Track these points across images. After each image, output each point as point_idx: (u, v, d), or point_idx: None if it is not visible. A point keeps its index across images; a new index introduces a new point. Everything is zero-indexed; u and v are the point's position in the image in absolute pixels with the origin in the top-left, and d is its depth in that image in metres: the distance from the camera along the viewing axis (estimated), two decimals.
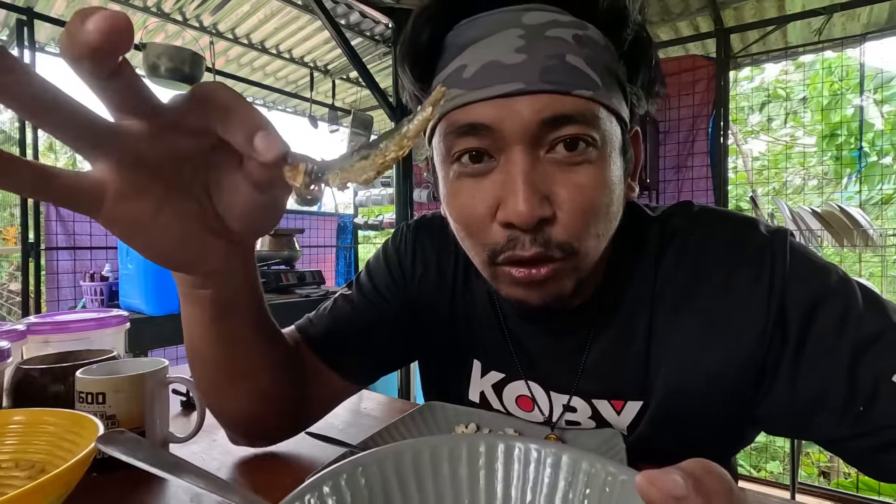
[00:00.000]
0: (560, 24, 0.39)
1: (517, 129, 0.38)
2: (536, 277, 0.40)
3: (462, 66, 0.40)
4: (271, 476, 0.47)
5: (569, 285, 0.42)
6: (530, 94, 0.37)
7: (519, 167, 0.38)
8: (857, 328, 0.40)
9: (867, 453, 0.40)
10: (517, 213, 0.37)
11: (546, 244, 0.39)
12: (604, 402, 0.50)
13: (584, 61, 0.38)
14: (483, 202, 0.40)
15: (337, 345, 0.55)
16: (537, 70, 0.37)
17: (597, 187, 0.39)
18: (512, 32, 0.38)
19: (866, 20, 2.33)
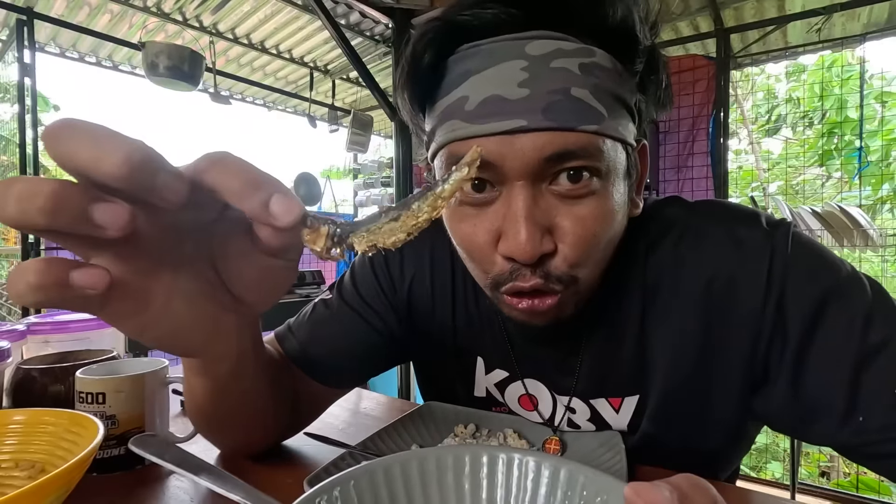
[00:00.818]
0: (565, 52, 0.37)
1: (519, 165, 0.37)
2: (539, 308, 0.41)
3: (464, 98, 0.39)
4: (271, 476, 0.47)
5: (568, 310, 0.43)
6: (533, 132, 0.37)
7: (521, 203, 0.37)
8: (863, 336, 0.39)
9: (868, 458, 0.40)
10: (520, 251, 0.37)
11: (546, 276, 0.39)
12: (602, 401, 0.50)
13: (590, 92, 0.37)
14: (485, 232, 0.40)
15: (316, 356, 0.55)
16: (541, 106, 0.36)
17: (599, 218, 0.39)
18: (515, 64, 0.37)
19: (866, 20, 2.33)
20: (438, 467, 0.29)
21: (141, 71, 2.27)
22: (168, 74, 2.18)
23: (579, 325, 0.50)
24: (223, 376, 0.37)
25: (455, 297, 0.57)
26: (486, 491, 0.29)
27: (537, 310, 0.41)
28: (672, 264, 0.47)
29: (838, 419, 0.40)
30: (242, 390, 0.41)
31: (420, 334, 0.59)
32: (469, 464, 0.29)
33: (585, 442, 0.49)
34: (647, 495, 0.20)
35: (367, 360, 0.58)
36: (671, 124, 2.57)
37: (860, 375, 0.39)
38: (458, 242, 0.44)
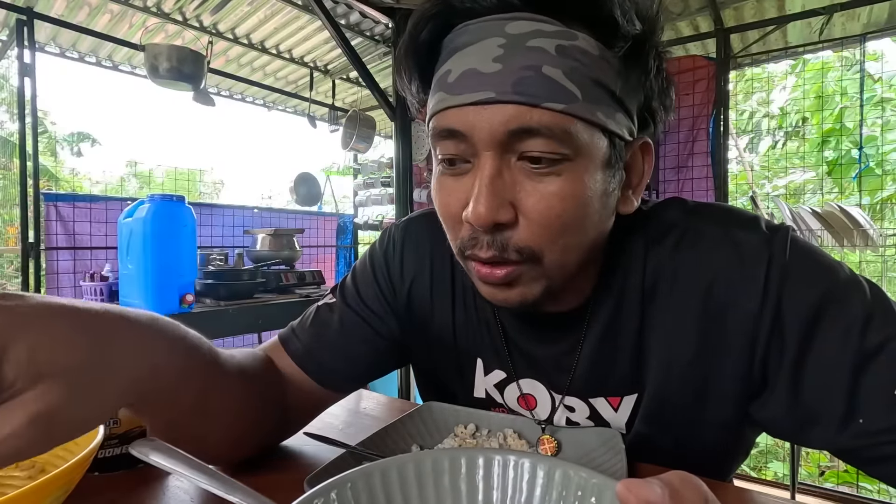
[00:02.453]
0: (544, 33, 0.38)
1: (485, 136, 0.39)
2: (493, 278, 0.42)
3: (448, 71, 0.41)
4: (271, 476, 0.47)
5: (535, 290, 0.43)
6: (500, 104, 0.38)
7: (486, 172, 0.39)
8: (862, 338, 0.39)
9: (866, 461, 0.40)
10: (475, 215, 0.39)
11: (503, 248, 0.40)
12: (600, 400, 0.51)
13: (563, 73, 0.37)
14: (456, 201, 0.42)
15: (320, 359, 0.55)
16: (510, 80, 0.37)
17: (563, 199, 0.39)
18: (493, 41, 0.38)
19: (866, 20, 2.33)
20: (435, 470, 0.29)
21: (141, 71, 2.27)
22: (170, 76, 2.18)
23: (578, 324, 0.50)
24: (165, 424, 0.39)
25: (454, 299, 0.57)
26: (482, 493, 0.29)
27: (493, 279, 0.42)
28: (671, 266, 0.47)
29: (838, 423, 0.40)
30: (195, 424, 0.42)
31: (420, 337, 0.59)
32: (465, 466, 0.30)
33: (585, 440, 0.49)
34: (638, 491, 0.21)
35: (370, 364, 0.59)
36: (671, 124, 2.55)
37: (859, 379, 0.39)
38: (438, 212, 0.45)
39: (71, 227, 2.28)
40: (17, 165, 2.12)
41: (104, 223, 2.37)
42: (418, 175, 3.15)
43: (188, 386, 0.38)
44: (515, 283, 0.42)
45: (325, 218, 3.63)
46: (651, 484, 0.21)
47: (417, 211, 0.63)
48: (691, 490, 0.22)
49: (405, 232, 0.60)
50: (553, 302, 0.49)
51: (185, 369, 0.38)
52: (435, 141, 0.43)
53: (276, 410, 0.51)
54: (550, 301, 0.48)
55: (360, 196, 3.60)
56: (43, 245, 2.06)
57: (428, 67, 0.44)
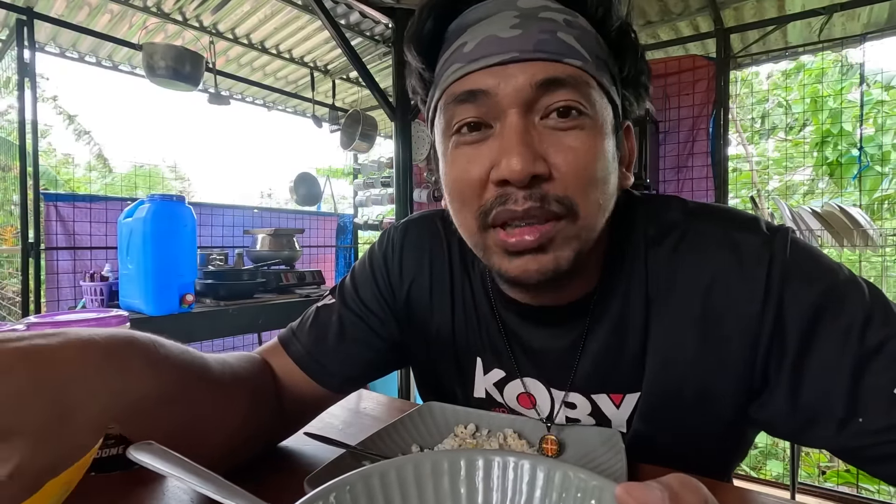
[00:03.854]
0: (552, 9, 0.42)
1: (512, 92, 0.40)
2: (527, 243, 0.40)
3: (463, 44, 0.43)
4: (271, 476, 0.47)
5: (568, 255, 0.42)
6: (524, 62, 0.40)
7: (514, 128, 0.40)
8: (861, 339, 0.39)
9: (867, 461, 0.40)
10: (510, 169, 0.39)
11: (543, 199, 0.40)
12: (602, 397, 0.51)
13: (575, 39, 0.41)
14: (479, 166, 0.42)
15: (321, 361, 0.55)
16: (532, 42, 0.40)
17: (589, 152, 0.41)
18: (508, 14, 0.42)
19: (866, 20, 2.33)
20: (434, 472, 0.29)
21: (141, 71, 2.27)
22: (168, 75, 2.18)
23: (580, 319, 0.50)
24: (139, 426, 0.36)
25: (454, 300, 0.57)
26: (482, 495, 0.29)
27: (522, 245, 0.40)
28: (672, 266, 0.47)
29: (838, 423, 0.40)
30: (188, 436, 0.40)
31: (420, 338, 0.59)
32: (465, 468, 0.29)
33: (586, 439, 0.49)
34: (637, 495, 0.21)
35: (370, 364, 0.59)
36: (671, 124, 2.57)
37: (859, 378, 0.39)
38: (451, 188, 0.45)
39: (71, 227, 2.28)
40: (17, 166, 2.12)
41: (104, 223, 2.37)
42: (418, 175, 3.16)
43: (171, 409, 0.37)
44: (548, 246, 0.41)
45: (325, 218, 3.63)
46: (650, 487, 0.21)
47: (416, 213, 0.64)
48: (691, 492, 0.22)
49: (404, 233, 0.61)
50: (558, 293, 0.49)
51: (163, 394, 0.36)
52: (452, 109, 0.43)
53: (270, 413, 0.51)
54: (559, 288, 0.48)
55: (360, 196, 3.60)
56: (43, 245, 2.06)
57: (432, 56, 0.46)
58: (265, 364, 0.54)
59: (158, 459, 0.32)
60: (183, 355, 0.39)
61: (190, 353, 0.41)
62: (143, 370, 0.34)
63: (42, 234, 2.06)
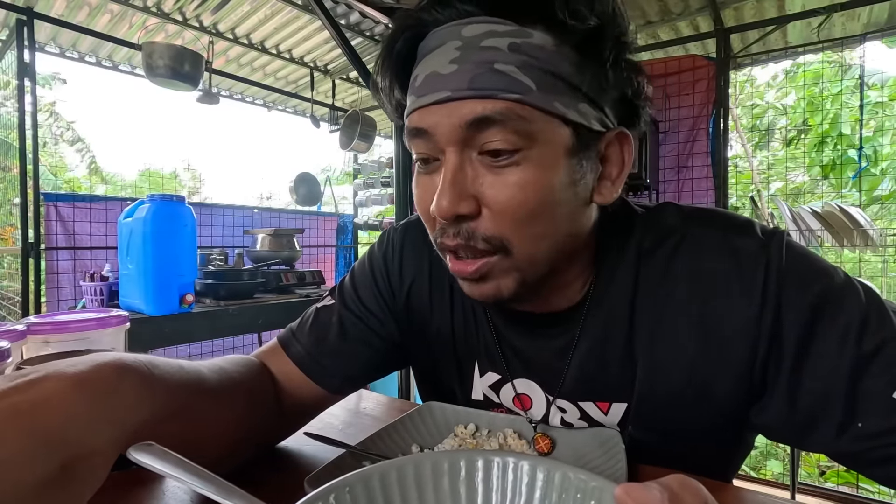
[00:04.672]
0: (496, 34, 0.39)
1: (446, 132, 0.41)
2: (465, 273, 0.43)
3: (416, 76, 0.43)
4: (271, 476, 0.47)
5: (509, 285, 0.43)
6: (457, 101, 0.40)
7: (448, 166, 0.41)
8: (858, 342, 0.39)
9: (866, 464, 0.40)
10: (438, 207, 0.41)
11: (469, 236, 0.42)
12: (589, 404, 0.51)
13: (516, 67, 0.39)
14: (428, 197, 0.43)
15: (321, 362, 0.55)
16: (466, 78, 0.39)
17: (524, 188, 0.40)
18: (451, 45, 0.41)
19: (866, 20, 2.33)
20: (434, 473, 0.29)
21: (141, 71, 2.27)
22: (167, 75, 2.18)
23: (571, 326, 0.50)
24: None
25: (453, 301, 0.57)
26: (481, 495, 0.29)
27: (464, 273, 0.43)
28: (666, 273, 0.47)
29: (837, 427, 0.40)
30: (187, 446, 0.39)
31: (419, 339, 0.59)
32: (464, 468, 0.30)
33: (583, 441, 0.49)
34: (637, 496, 0.21)
35: (370, 365, 0.59)
36: (671, 124, 2.57)
37: (857, 382, 0.39)
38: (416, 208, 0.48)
39: (71, 227, 2.28)
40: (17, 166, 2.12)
41: (104, 223, 2.37)
42: None
43: (170, 427, 0.37)
44: (488, 277, 0.43)
45: (325, 218, 3.63)
46: (649, 487, 0.21)
47: (416, 214, 0.63)
48: (691, 494, 0.22)
49: (404, 234, 0.61)
50: (541, 301, 0.49)
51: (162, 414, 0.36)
52: (408, 141, 0.45)
53: (268, 414, 0.51)
54: (537, 299, 0.49)
55: (359, 196, 3.60)
56: (43, 245, 2.06)
57: (405, 76, 0.45)
58: (262, 367, 0.54)
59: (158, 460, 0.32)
60: (178, 373, 0.39)
61: (184, 368, 0.40)
62: (140, 395, 0.34)
63: (42, 233, 2.06)
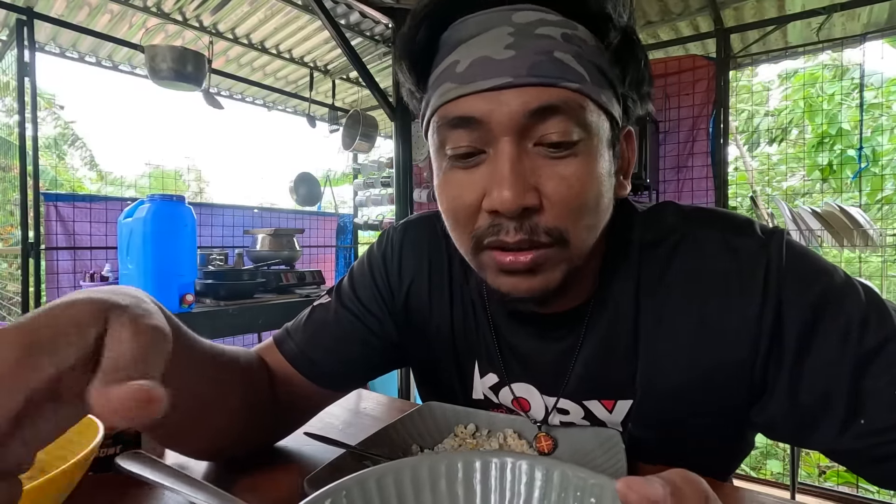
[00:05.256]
0: (548, 22, 0.40)
1: (505, 120, 0.39)
2: (518, 265, 0.41)
3: (455, 62, 0.41)
4: (271, 476, 0.47)
5: (557, 276, 0.42)
6: (518, 88, 0.38)
7: (506, 156, 0.39)
8: (860, 340, 0.39)
9: (867, 462, 0.40)
10: (501, 201, 0.38)
11: (532, 230, 0.40)
12: (594, 402, 0.50)
13: (572, 56, 0.39)
14: (472, 192, 0.41)
15: (314, 359, 0.55)
16: (526, 65, 0.38)
17: (582, 179, 0.40)
18: (502, 30, 0.39)
19: (866, 20, 2.33)
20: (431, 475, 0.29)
21: (141, 71, 2.27)
22: (171, 77, 2.18)
23: (574, 326, 0.50)
24: None
25: (453, 301, 0.57)
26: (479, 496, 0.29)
27: (520, 266, 0.41)
28: (667, 272, 0.47)
29: (839, 425, 0.40)
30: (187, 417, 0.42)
31: (419, 339, 0.59)
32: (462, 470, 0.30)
33: (583, 440, 0.49)
34: (639, 489, 0.21)
35: (365, 364, 0.59)
36: (671, 124, 2.57)
37: (859, 380, 0.39)
38: (445, 208, 0.45)
39: (71, 227, 2.28)
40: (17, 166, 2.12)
41: (104, 223, 2.37)
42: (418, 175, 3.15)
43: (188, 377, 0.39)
44: (539, 269, 0.41)
45: (325, 218, 3.63)
46: (651, 481, 0.21)
47: (415, 214, 0.64)
48: (692, 488, 0.22)
49: (403, 234, 0.60)
50: (552, 304, 0.49)
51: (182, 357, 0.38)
52: (444, 132, 0.42)
53: (266, 407, 0.51)
54: (552, 302, 0.48)
55: (359, 196, 3.60)
56: (43, 245, 2.06)
57: (425, 65, 0.44)
58: (262, 360, 0.55)
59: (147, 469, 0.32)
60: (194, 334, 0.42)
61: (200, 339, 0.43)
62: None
63: (42, 233, 2.07)
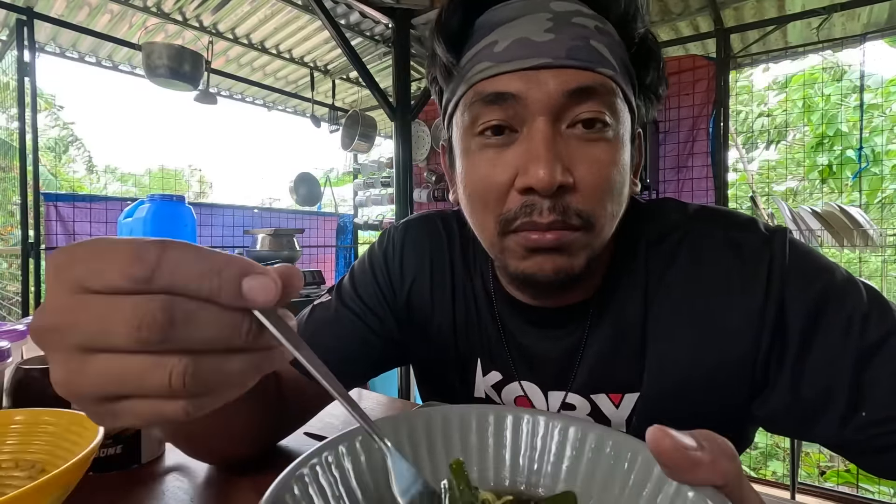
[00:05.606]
0: (584, 14, 0.42)
1: (542, 98, 0.40)
2: (549, 242, 0.41)
3: (493, 42, 0.42)
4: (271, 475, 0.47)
5: (581, 261, 0.43)
6: (557, 69, 0.40)
7: (541, 135, 0.39)
8: (862, 334, 0.40)
9: (868, 452, 0.40)
10: (538, 178, 0.38)
11: (565, 211, 0.40)
12: (602, 396, 0.51)
13: (605, 47, 0.41)
14: (504, 171, 0.41)
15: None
16: (564, 48, 0.40)
17: (612, 164, 0.41)
18: (541, 16, 0.41)
19: (866, 20, 2.33)
20: (464, 422, 0.30)
21: (141, 71, 2.27)
22: (168, 75, 2.18)
23: (580, 320, 0.50)
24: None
25: (455, 300, 0.57)
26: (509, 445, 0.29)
27: (547, 244, 0.41)
28: (672, 268, 0.47)
29: (840, 417, 0.40)
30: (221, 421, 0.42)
31: (420, 337, 0.59)
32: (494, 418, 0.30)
33: None
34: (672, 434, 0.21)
35: (366, 362, 0.59)
36: (671, 124, 2.57)
37: (860, 373, 0.39)
38: (472, 190, 0.44)
39: (71, 227, 2.28)
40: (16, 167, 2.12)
41: (104, 223, 2.37)
42: (418, 175, 3.16)
43: None
44: (565, 250, 0.42)
45: (325, 218, 3.63)
46: (682, 433, 0.21)
47: (415, 214, 0.64)
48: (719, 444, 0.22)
49: (405, 233, 0.60)
50: (564, 294, 0.49)
51: None
52: (477, 108, 0.42)
53: (274, 408, 0.51)
54: (564, 291, 0.49)
55: (360, 196, 3.60)
56: (43, 245, 2.06)
57: (457, 49, 0.45)
58: None
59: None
60: None
61: None
62: None
63: (42, 233, 2.06)
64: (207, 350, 0.21)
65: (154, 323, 0.19)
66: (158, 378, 0.20)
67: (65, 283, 0.20)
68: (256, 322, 0.22)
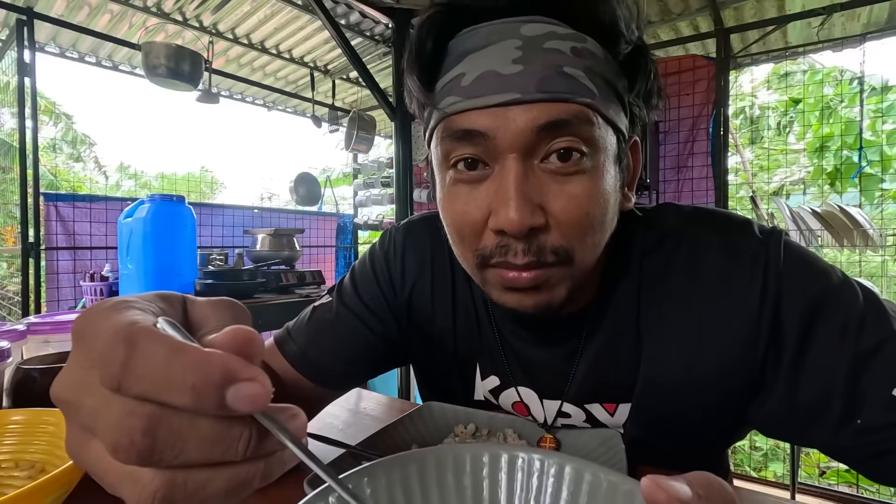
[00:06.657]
0: (558, 35, 0.39)
1: (511, 137, 0.38)
2: (522, 282, 0.40)
3: (461, 74, 0.40)
4: None
5: (561, 293, 0.42)
6: (526, 104, 0.38)
7: (512, 175, 0.38)
8: (857, 340, 0.39)
9: (864, 459, 0.40)
10: (508, 221, 0.37)
11: (540, 251, 0.39)
12: (596, 406, 0.51)
13: (581, 71, 0.38)
14: (477, 209, 0.40)
15: (316, 360, 0.55)
16: (534, 81, 0.37)
17: (590, 197, 0.39)
18: (510, 43, 0.39)
19: (866, 20, 2.33)
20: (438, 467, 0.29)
21: (141, 71, 2.27)
22: (167, 75, 2.18)
23: (577, 330, 0.50)
24: None
25: (455, 302, 0.57)
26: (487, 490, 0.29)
27: (524, 283, 0.40)
28: (667, 273, 0.47)
29: (836, 423, 0.40)
30: None
31: (421, 339, 0.59)
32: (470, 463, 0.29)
33: (584, 441, 0.49)
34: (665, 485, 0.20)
35: (366, 363, 0.59)
36: (671, 124, 2.57)
37: (856, 379, 0.39)
38: (449, 223, 0.44)
39: (71, 227, 2.28)
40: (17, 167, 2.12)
41: (104, 223, 2.37)
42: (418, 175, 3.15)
43: None
44: (543, 286, 0.41)
45: (325, 218, 3.63)
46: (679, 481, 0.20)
47: (417, 214, 0.63)
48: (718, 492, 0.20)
49: (406, 234, 0.60)
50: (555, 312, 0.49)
51: None
52: (448, 144, 0.41)
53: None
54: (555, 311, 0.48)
55: (360, 196, 3.60)
56: (43, 245, 2.06)
57: (434, 71, 0.43)
58: (264, 365, 0.55)
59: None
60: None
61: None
62: None
63: (42, 233, 2.06)
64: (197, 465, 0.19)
65: (131, 447, 0.17)
66: (128, 492, 0.18)
67: (77, 357, 0.20)
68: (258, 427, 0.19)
